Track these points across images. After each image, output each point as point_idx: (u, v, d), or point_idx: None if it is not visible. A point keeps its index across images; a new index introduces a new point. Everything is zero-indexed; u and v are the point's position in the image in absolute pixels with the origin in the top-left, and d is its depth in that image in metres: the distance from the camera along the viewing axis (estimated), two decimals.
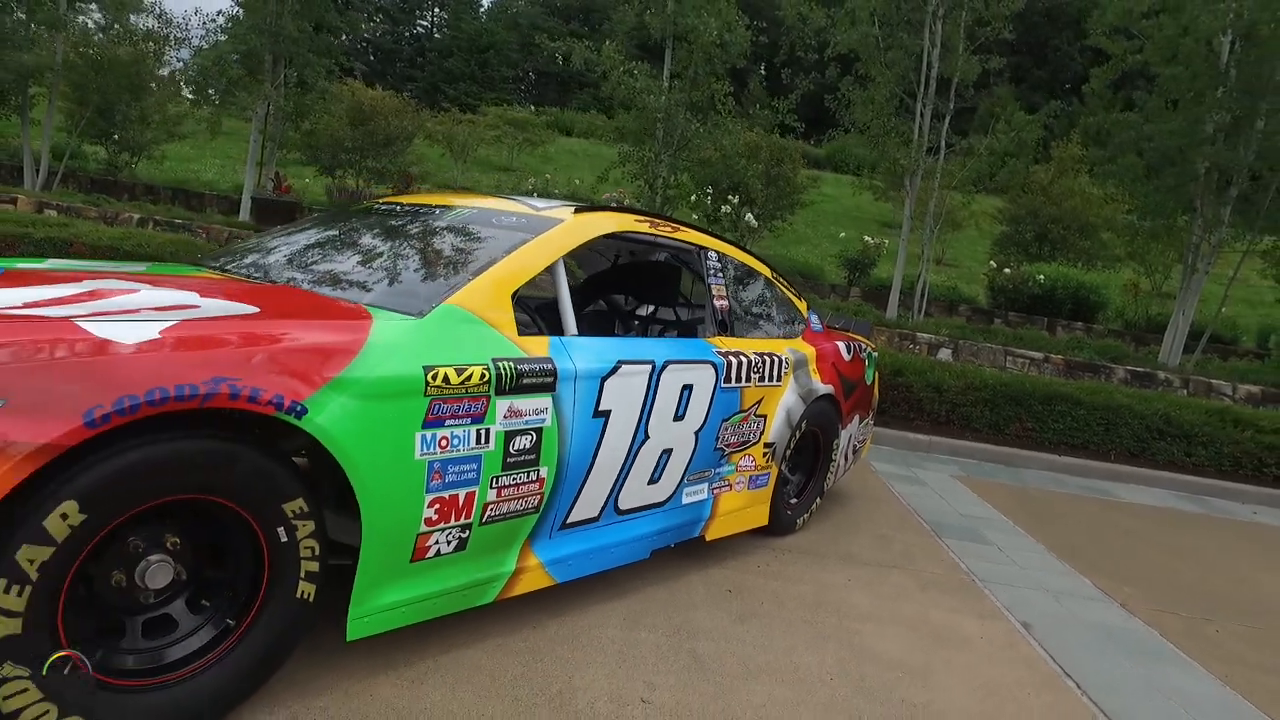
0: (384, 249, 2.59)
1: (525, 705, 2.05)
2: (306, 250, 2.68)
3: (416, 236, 2.64)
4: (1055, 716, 2.48)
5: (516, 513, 2.26)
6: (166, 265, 2.70)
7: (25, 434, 1.34)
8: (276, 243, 2.87)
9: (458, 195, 3.10)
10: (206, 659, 1.70)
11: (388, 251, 2.57)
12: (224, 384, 1.56)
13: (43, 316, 1.63)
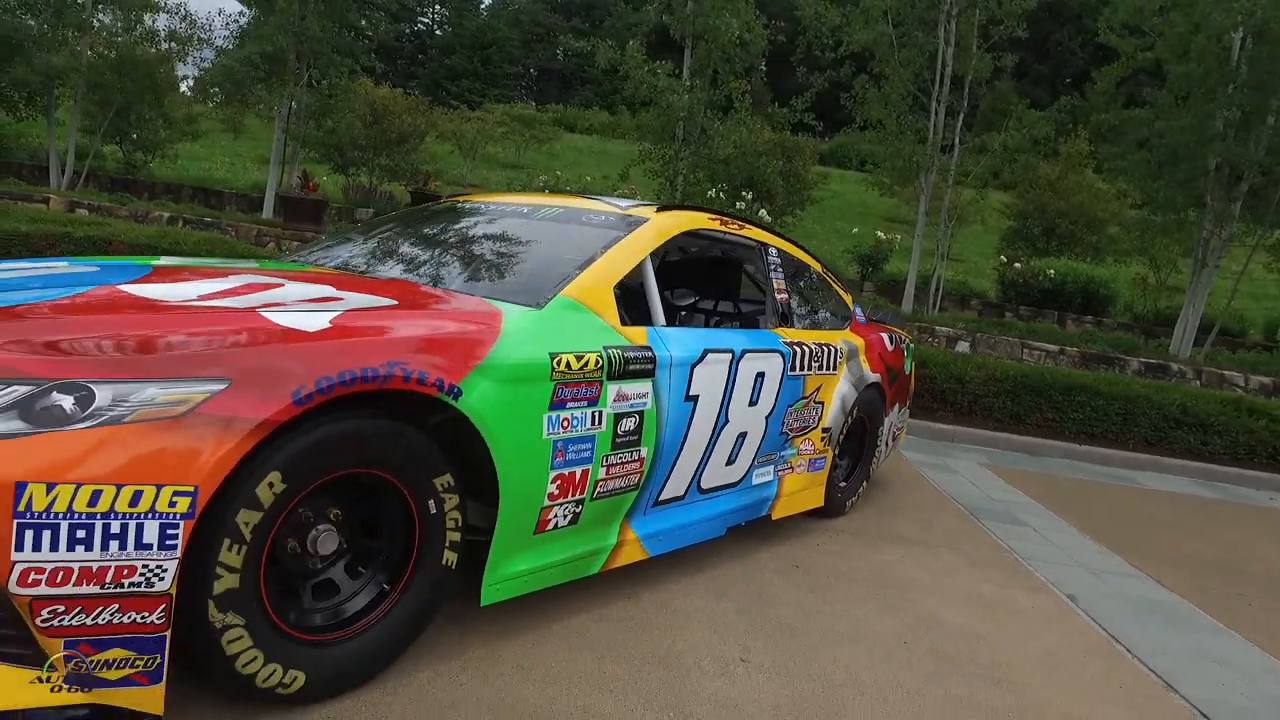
0: (486, 245, 2.76)
1: (639, 665, 2.24)
2: (404, 246, 2.86)
3: (514, 234, 2.81)
4: (1112, 677, 2.67)
5: (620, 490, 2.44)
6: (271, 261, 2.87)
7: (248, 410, 1.51)
8: (367, 240, 3.04)
9: (537, 196, 3.27)
10: (371, 617, 1.88)
11: (491, 247, 2.74)
12: (397, 368, 1.74)
13: (229, 308, 1.80)
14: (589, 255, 2.52)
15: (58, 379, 1.43)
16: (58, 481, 1.34)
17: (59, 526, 1.34)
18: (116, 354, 1.51)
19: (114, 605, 1.40)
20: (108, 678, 1.43)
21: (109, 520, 1.37)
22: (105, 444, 1.39)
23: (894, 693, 2.32)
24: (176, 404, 1.45)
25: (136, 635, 1.43)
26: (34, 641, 1.38)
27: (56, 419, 1.39)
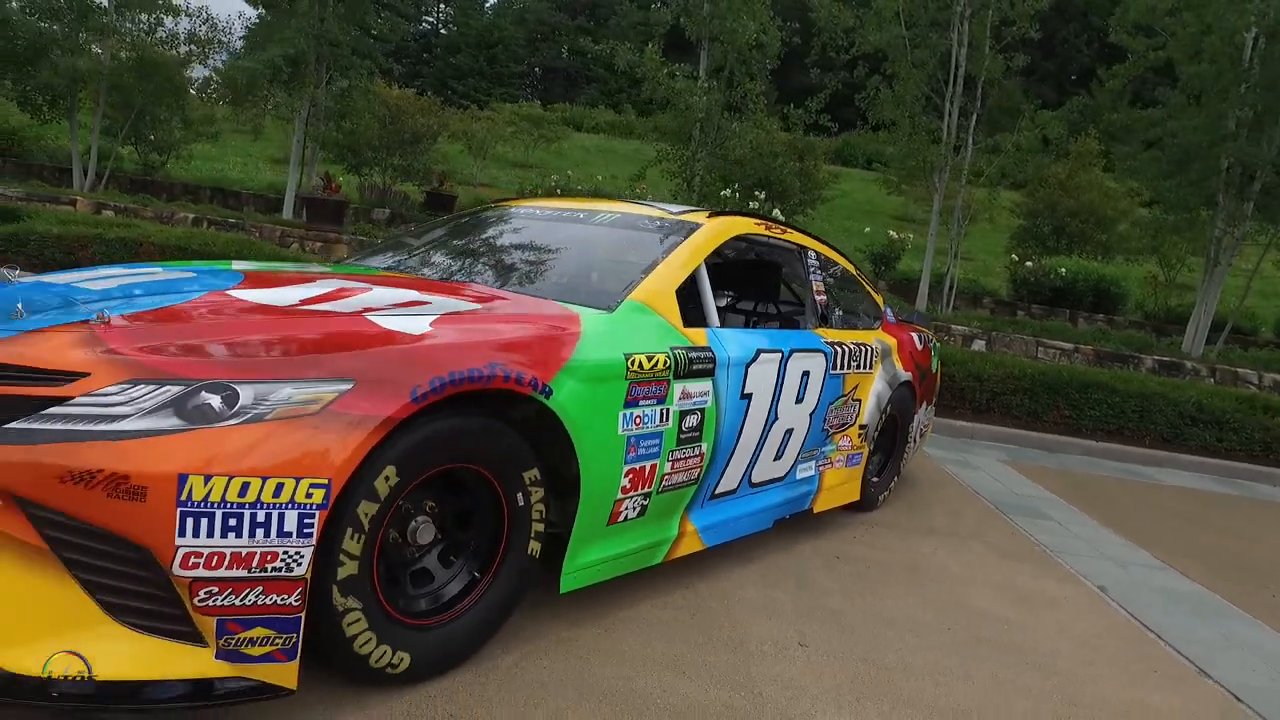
0: (550, 249, 2.88)
1: (706, 649, 2.36)
2: (469, 251, 2.98)
3: (575, 238, 2.93)
4: (1146, 662, 2.79)
5: (682, 483, 2.56)
6: (343, 265, 2.98)
7: (372, 408, 1.64)
8: (428, 245, 3.17)
9: (589, 201, 3.39)
10: (466, 603, 2.01)
11: (554, 252, 2.86)
12: (498, 368, 1.87)
13: (337, 312, 1.93)
14: (651, 260, 2.64)
15: (205, 379, 1.55)
16: (212, 474, 1.47)
17: (214, 515, 1.47)
18: (253, 356, 1.64)
19: (259, 588, 1.53)
20: (251, 654, 1.56)
21: (256, 510, 1.50)
22: (251, 439, 1.51)
23: (944, 675, 2.45)
24: (310, 402, 1.58)
25: (277, 616, 1.56)
26: (190, 619, 1.51)
27: (207, 416, 1.51)
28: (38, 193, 10.05)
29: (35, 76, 10.59)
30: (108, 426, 1.48)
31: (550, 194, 17.61)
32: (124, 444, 1.46)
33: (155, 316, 1.79)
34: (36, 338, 1.67)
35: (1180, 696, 2.56)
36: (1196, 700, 2.56)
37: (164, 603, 1.50)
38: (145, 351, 1.61)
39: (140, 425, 1.48)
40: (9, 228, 8.10)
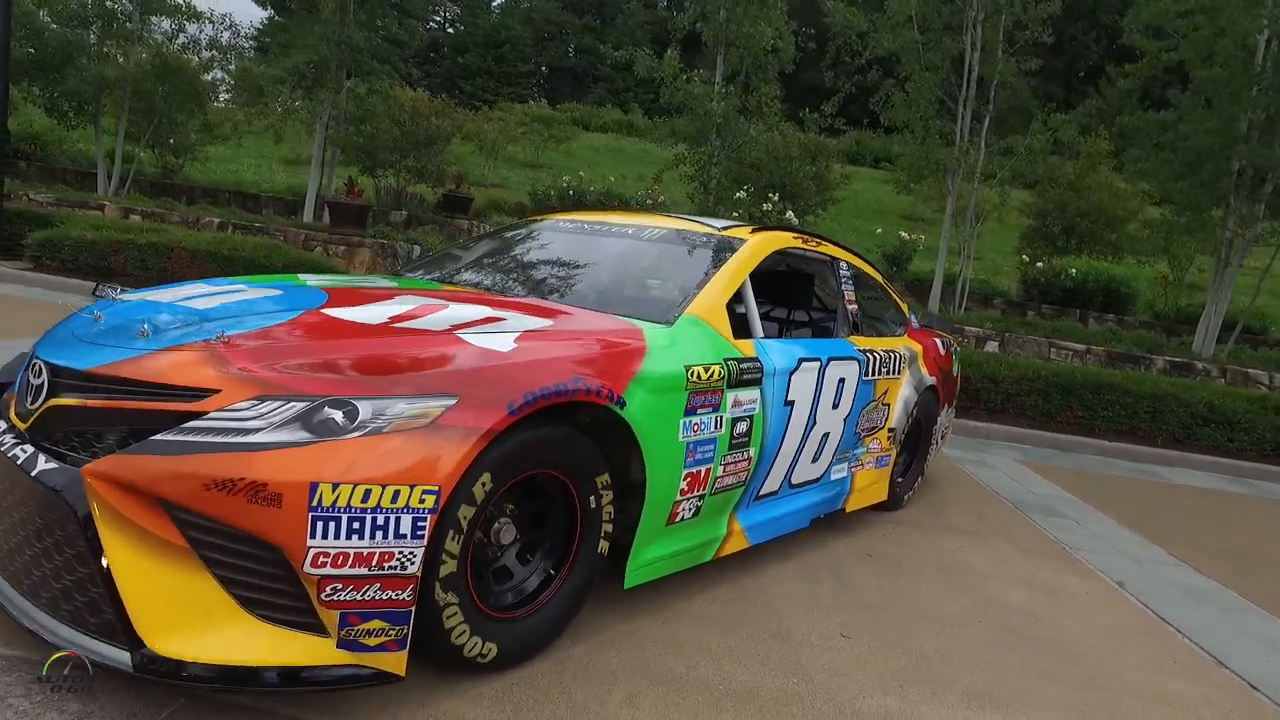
0: (604, 264, 3.05)
1: (758, 639, 2.53)
2: (526, 266, 3.14)
3: (627, 254, 3.10)
4: (1166, 653, 2.95)
5: (732, 486, 2.73)
6: (409, 279, 3.12)
7: (475, 421, 1.81)
8: (483, 258, 3.33)
9: (633, 215, 3.55)
10: (543, 598, 2.18)
11: (610, 267, 3.03)
12: (580, 382, 2.03)
13: (430, 330, 2.09)
14: (702, 275, 2.81)
15: (327, 395, 1.72)
16: (339, 481, 1.64)
17: (340, 519, 1.64)
18: (367, 374, 1.81)
19: (377, 584, 1.70)
20: (368, 644, 1.73)
21: (376, 514, 1.67)
22: (371, 450, 1.68)
23: (978, 663, 2.61)
24: (421, 416, 1.75)
25: (391, 609, 1.73)
26: (315, 612, 1.68)
27: (332, 430, 1.68)
28: (66, 198, 10.24)
29: (63, 84, 10.79)
30: (243, 439, 1.65)
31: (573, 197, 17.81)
32: (260, 455, 1.63)
33: (267, 335, 1.96)
34: (167, 356, 1.84)
35: (1200, 685, 2.72)
36: (1215, 688, 2.71)
37: (292, 597, 1.67)
38: (268, 370, 1.78)
39: (273, 438, 1.65)
40: (44, 233, 8.30)
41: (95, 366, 1.86)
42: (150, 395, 1.78)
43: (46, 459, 1.82)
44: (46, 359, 1.97)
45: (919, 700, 2.32)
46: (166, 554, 1.66)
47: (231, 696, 1.84)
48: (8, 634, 1.96)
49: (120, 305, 2.25)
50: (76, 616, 1.71)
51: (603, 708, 2.03)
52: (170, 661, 1.62)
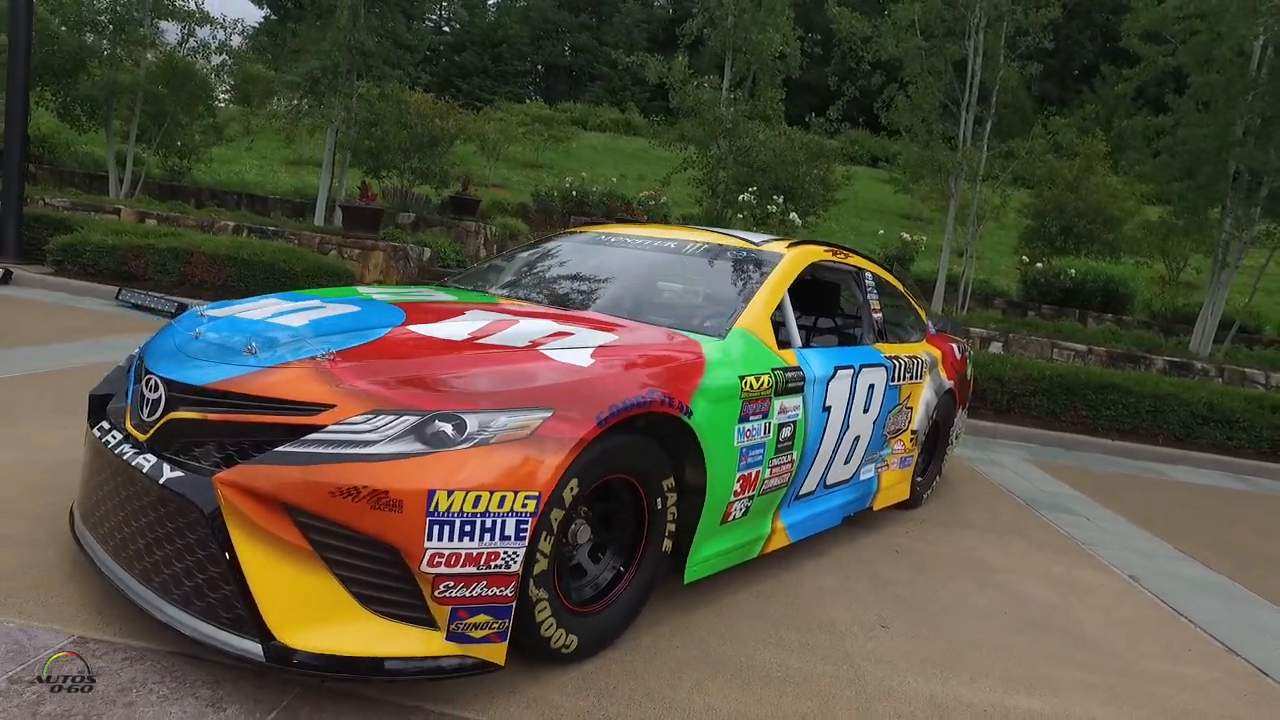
0: (653, 279, 3.21)
1: (805, 630, 2.71)
2: (578, 280, 3.30)
3: (673, 268, 3.27)
4: (1181, 642, 3.14)
5: (777, 487, 2.91)
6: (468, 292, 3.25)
7: (568, 432, 1.98)
8: (531, 270, 3.49)
9: (670, 228, 3.72)
10: (615, 592, 2.35)
11: (658, 281, 3.20)
12: (655, 394, 2.21)
13: (515, 347, 2.26)
14: (747, 289, 2.98)
15: (436, 410, 1.89)
16: (453, 488, 1.81)
17: (454, 522, 1.81)
18: (471, 389, 1.97)
19: (484, 582, 1.87)
20: (474, 636, 1.90)
21: (485, 518, 1.84)
22: (481, 460, 1.85)
23: (1009, 651, 2.80)
24: (522, 428, 1.92)
25: (496, 604, 1.90)
26: (428, 608, 1.85)
27: (443, 441, 1.85)
28: (82, 202, 10.34)
29: (75, 88, 10.88)
30: (363, 450, 1.82)
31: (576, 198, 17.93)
32: (381, 465, 1.79)
33: (368, 353, 2.11)
34: (280, 373, 2.00)
35: (1215, 671, 2.91)
36: (1229, 674, 2.91)
37: (407, 594, 1.84)
38: (377, 385, 1.94)
39: (390, 449, 1.82)
40: (65, 238, 8.41)
41: (212, 382, 2.02)
42: (267, 409, 1.94)
43: (171, 468, 1.98)
44: (162, 374, 2.12)
45: (960, 685, 2.50)
46: (290, 555, 1.83)
47: (342, 685, 2.00)
48: (136, 628, 2.13)
49: (215, 322, 2.40)
50: (208, 612, 1.87)
51: (675, 693, 2.21)
52: (297, 652, 1.79)
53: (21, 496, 2.90)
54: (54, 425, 3.79)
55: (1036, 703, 2.46)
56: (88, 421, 2.46)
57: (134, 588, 2.02)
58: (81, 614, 2.18)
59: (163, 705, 1.85)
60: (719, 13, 10.15)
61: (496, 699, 2.05)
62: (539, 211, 19.14)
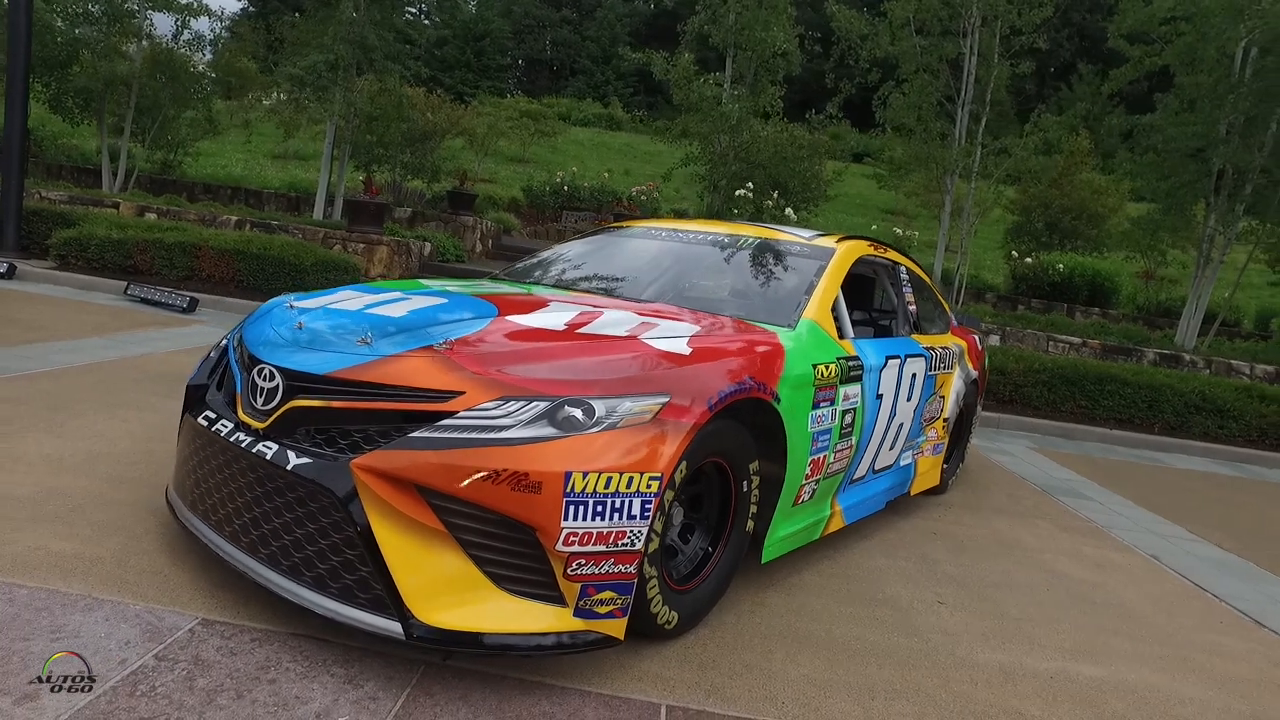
0: (716, 272, 3.33)
1: (871, 606, 2.85)
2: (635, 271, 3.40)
3: (732, 262, 3.38)
4: (1211, 615, 3.33)
5: (837, 471, 3.04)
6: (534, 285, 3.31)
7: (684, 417, 2.09)
8: (588, 263, 3.59)
9: (719, 223, 3.83)
10: (707, 570, 2.46)
11: (721, 274, 3.31)
12: (751, 381, 2.32)
13: (620, 336, 2.35)
14: (807, 282, 3.11)
15: (564, 396, 1.99)
16: (586, 470, 1.91)
17: (588, 503, 1.91)
18: (593, 376, 2.07)
19: (611, 559, 1.97)
20: (600, 612, 2.00)
21: (614, 498, 1.95)
22: (610, 443, 1.95)
23: (1057, 624, 2.96)
24: (644, 413, 2.03)
25: (620, 581, 2.01)
26: (558, 586, 1.95)
27: (574, 425, 1.95)
28: (79, 196, 10.20)
29: (69, 80, 10.71)
30: (499, 435, 1.91)
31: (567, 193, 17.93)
32: (520, 448, 1.89)
33: (482, 342, 2.20)
34: (405, 361, 2.08)
35: (1246, 641, 3.10)
36: (1259, 643, 3.10)
37: (539, 572, 1.94)
38: (501, 373, 2.04)
39: (525, 434, 1.92)
40: (69, 232, 8.32)
41: (334, 371, 2.10)
42: (395, 397, 2.02)
43: (297, 455, 2.06)
44: (278, 364, 2.20)
45: (1022, 654, 2.65)
46: (425, 536, 1.92)
47: (464, 662, 2.10)
48: (253, 610, 2.20)
49: (313, 313, 2.47)
50: (345, 593, 1.95)
51: (770, 664, 2.33)
52: (435, 630, 1.89)
53: (105, 486, 2.96)
54: (114, 416, 3.83)
55: (1097, 670, 2.62)
56: (187, 412, 2.53)
57: (260, 572, 2.09)
58: (197, 598, 2.26)
59: (303, 682, 1.93)
60: (721, 10, 10.26)
61: (610, 674, 2.16)
62: (530, 207, 19.16)
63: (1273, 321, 12.55)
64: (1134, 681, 2.58)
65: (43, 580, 2.24)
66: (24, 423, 3.57)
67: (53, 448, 3.31)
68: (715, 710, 2.06)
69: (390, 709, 1.87)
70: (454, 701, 1.93)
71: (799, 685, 2.24)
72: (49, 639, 1.96)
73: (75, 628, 2.03)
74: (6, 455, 3.15)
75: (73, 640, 1.97)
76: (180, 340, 6.09)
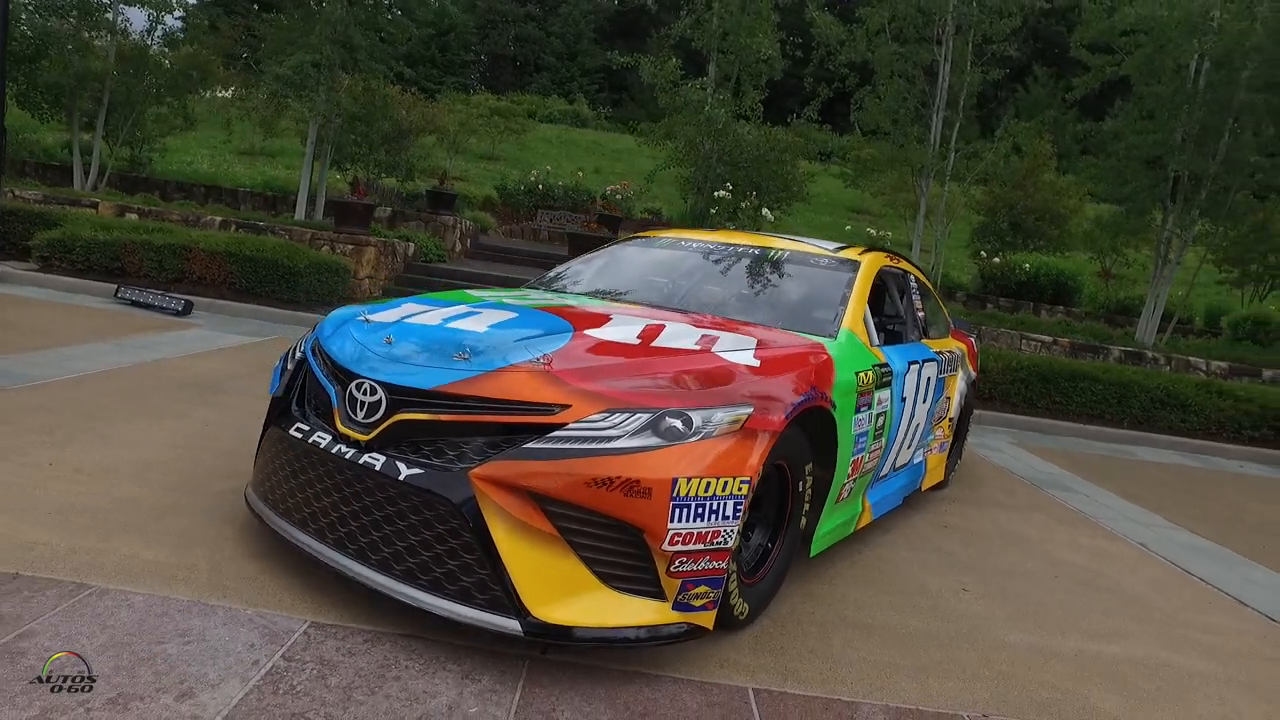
0: (753, 283, 3.52)
1: (905, 595, 3.09)
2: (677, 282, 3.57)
3: (766, 274, 3.58)
4: (1201, 596, 3.65)
5: (869, 470, 3.27)
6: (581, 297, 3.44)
7: (767, 425, 2.28)
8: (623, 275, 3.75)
9: (742, 235, 4.03)
10: (768, 564, 2.67)
11: (759, 286, 3.50)
12: (815, 391, 2.53)
13: (688, 349, 2.54)
14: (841, 293, 3.33)
15: (664, 408, 2.16)
16: (690, 476, 2.09)
17: (690, 505, 2.10)
18: (687, 389, 2.25)
19: (707, 557, 2.16)
20: (694, 604, 2.19)
21: (712, 500, 2.13)
22: (707, 450, 2.14)
23: (1070, 606, 3.24)
24: (735, 422, 2.21)
25: (714, 576, 2.20)
26: (659, 582, 2.13)
27: (676, 435, 2.13)
28: (55, 195, 9.97)
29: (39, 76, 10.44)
30: (608, 445, 2.08)
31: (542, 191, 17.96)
32: (630, 457, 2.06)
33: (571, 357, 2.36)
34: (508, 376, 2.23)
35: (1234, 620, 3.42)
36: (1244, 621, 3.42)
37: (644, 570, 2.12)
38: (602, 386, 2.21)
39: (633, 443, 2.09)
40: (53, 233, 8.17)
41: (441, 386, 2.24)
42: (505, 410, 2.18)
43: (407, 465, 2.19)
44: (379, 379, 2.33)
45: (1048, 636, 2.92)
46: (538, 539, 2.08)
47: (564, 655, 2.26)
48: (357, 612, 2.34)
49: (395, 327, 2.60)
50: (464, 594, 2.10)
51: (831, 649, 2.55)
52: (549, 626, 2.05)
53: (169, 495, 3.04)
54: (150, 425, 3.88)
55: (1114, 648, 2.90)
56: (274, 424, 2.64)
57: (370, 577, 2.21)
58: (298, 602, 2.38)
59: (425, 678, 2.08)
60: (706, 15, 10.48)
61: (697, 662, 2.35)
62: (505, 205, 19.17)
63: (1222, 319, 13.28)
64: (1147, 658, 2.85)
65: (150, 588, 2.34)
66: (67, 432, 3.62)
67: (103, 457, 3.37)
68: (796, 691, 2.27)
69: (512, 699, 2.03)
70: (566, 691, 2.10)
71: (860, 667, 2.46)
72: (181, 643, 2.08)
73: (200, 631, 2.15)
74: (66, 465, 3.21)
75: (201, 643, 2.09)
76: (185, 345, 6.08)
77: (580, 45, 47.63)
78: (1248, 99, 9.71)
